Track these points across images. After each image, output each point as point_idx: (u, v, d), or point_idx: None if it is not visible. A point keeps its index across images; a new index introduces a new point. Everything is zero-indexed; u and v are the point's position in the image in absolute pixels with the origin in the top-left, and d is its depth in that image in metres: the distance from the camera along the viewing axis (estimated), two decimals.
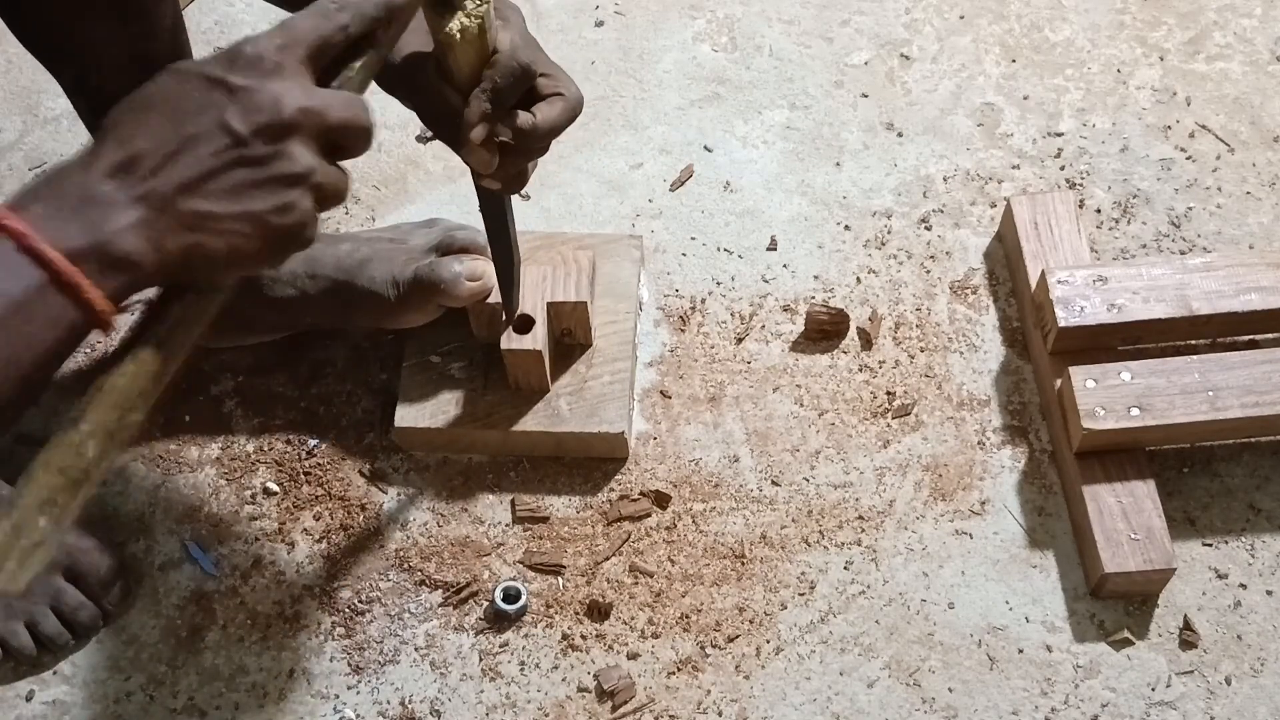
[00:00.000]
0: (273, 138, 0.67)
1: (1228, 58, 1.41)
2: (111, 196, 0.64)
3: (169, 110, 0.66)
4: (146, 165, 0.65)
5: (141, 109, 0.66)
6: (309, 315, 1.20)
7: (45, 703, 1.13)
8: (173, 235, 0.65)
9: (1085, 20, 1.44)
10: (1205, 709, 1.09)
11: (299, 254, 1.19)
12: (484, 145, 0.88)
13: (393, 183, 1.37)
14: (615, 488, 1.20)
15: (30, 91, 1.44)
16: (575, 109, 0.92)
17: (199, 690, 1.13)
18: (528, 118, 0.89)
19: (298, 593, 1.17)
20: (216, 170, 0.66)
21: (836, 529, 1.18)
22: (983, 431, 1.22)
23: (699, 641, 1.13)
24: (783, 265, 1.31)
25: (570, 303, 1.16)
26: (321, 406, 1.25)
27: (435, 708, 1.12)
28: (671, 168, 1.37)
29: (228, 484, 1.22)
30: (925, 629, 1.14)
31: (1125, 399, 1.13)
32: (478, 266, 1.15)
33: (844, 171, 1.36)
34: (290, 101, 0.67)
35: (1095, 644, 1.12)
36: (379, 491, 1.21)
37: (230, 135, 0.66)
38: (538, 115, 0.90)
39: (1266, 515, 1.17)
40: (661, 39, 1.45)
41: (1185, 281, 1.18)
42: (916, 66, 1.42)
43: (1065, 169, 1.35)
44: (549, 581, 1.16)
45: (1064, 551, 1.16)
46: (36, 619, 1.13)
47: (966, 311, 1.28)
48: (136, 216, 0.64)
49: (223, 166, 0.66)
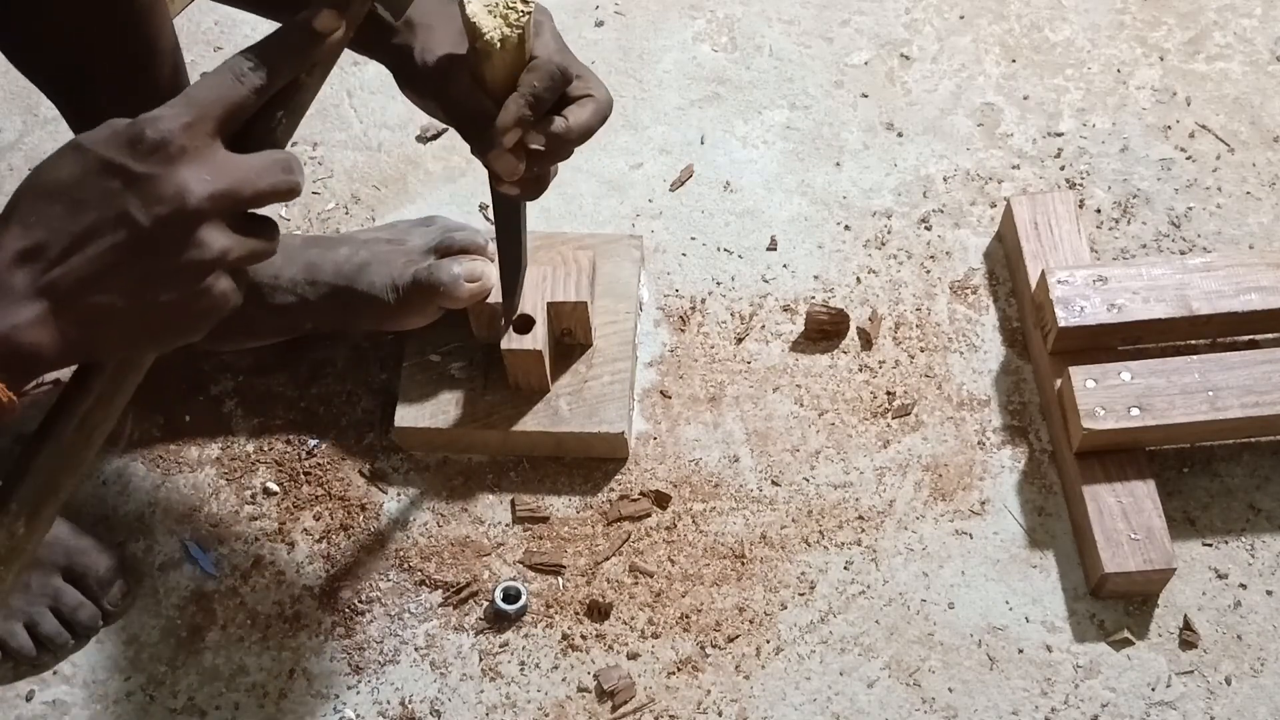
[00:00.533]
0: (179, 229, 0.62)
1: (1228, 58, 1.41)
2: (14, 288, 0.61)
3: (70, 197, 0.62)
4: (48, 255, 0.61)
5: (44, 194, 0.63)
6: (309, 320, 1.20)
7: (45, 703, 1.13)
8: (77, 328, 0.62)
9: (1085, 20, 1.44)
10: (1205, 709, 1.09)
11: (298, 260, 1.20)
12: (513, 150, 0.86)
13: (393, 183, 1.37)
14: (615, 488, 1.20)
15: (30, 91, 1.44)
16: (605, 111, 0.90)
17: (199, 690, 1.13)
18: (561, 122, 0.87)
19: (298, 593, 1.17)
20: (119, 264, 0.62)
21: (836, 529, 1.18)
22: (983, 431, 1.22)
23: (699, 641, 1.13)
24: (783, 265, 1.31)
25: (570, 303, 1.16)
26: (321, 406, 1.25)
27: (435, 708, 1.12)
28: (671, 168, 1.37)
29: (228, 484, 1.22)
30: (925, 629, 1.14)
31: (1125, 399, 1.13)
32: (476, 267, 1.14)
33: (844, 171, 1.36)
34: (197, 190, 0.62)
35: (1095, 644, 1.12)
36: (379, 491, 1.21)
37: (132, 228, 0.62)
38: (570, 119, 0.88)
39: (1266, 515, 1.17)
40: (661, 39, 1.45)
41: (1185, 281, 1.18)
42: (916, 66, 1.42)
43: (1065, 169, 1.35)
44: (549, 581, 1.16)
45: (1064, 551, 1.16)
46: (36, 619, 1.13)
47: (966, 311, 1.28)
48: (40, 309, 0.61)
49: (125, 260, 0.62)
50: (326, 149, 1.39)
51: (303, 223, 1.35)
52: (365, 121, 1.40)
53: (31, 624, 1.13)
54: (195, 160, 0.63)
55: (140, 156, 0.62)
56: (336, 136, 1.39)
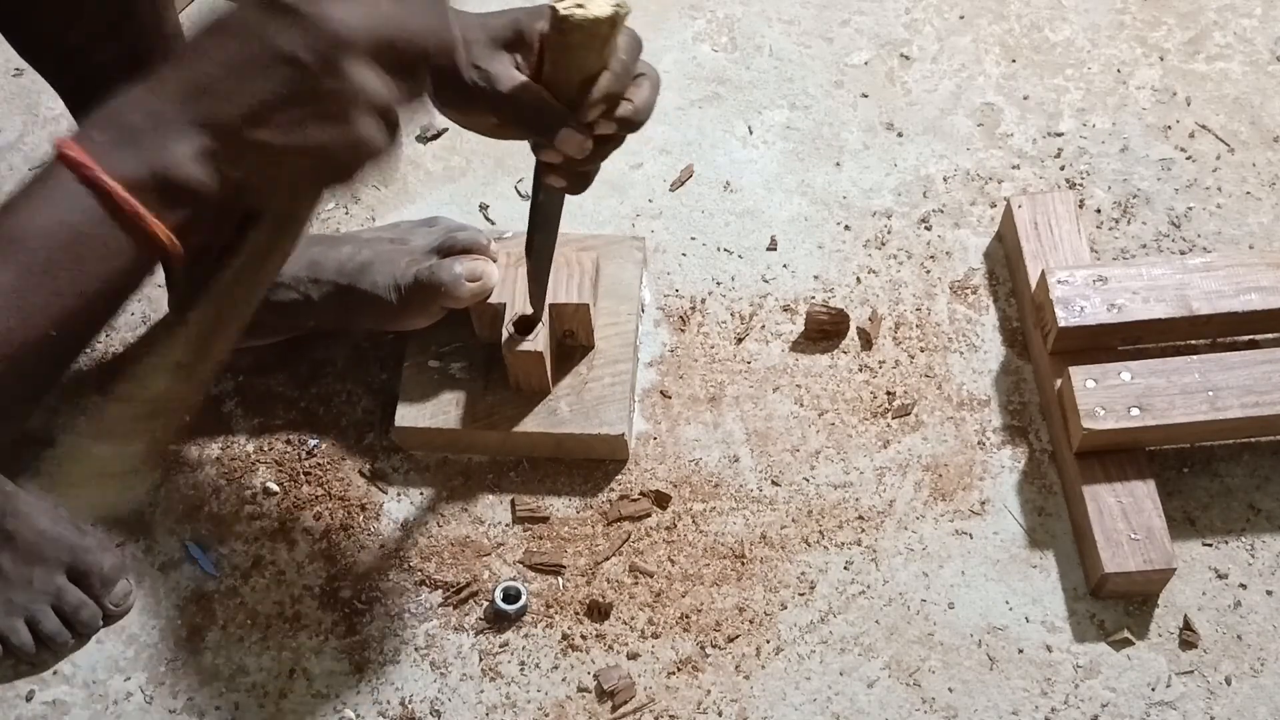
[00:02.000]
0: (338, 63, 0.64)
1: (1228, 58, 1.41)
2: (175, 121, 0.63)
3: (236, 34, 0.64)
4: (213, 91, 0.63)
5: (210, 33, 0.64)
6: (311, 318, 1.20)
7: (45, 703, 1.13)
8: (236, 164, 0.64)
9: (1085, 20, 1.44)
10: (1205, 709, 1.09)
11: (301, 257, 1.20)
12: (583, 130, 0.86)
13: (393, 183, 1.37)
14: (615, 488, 1.20)
15: (30, 91, 1.44)
16: (658, 87, 0.89)
17: (199, 690, 1.13)
18: (627, 105, 0.87)
19: (298, 593, 1.17)
20: (278, 101, 0.63)
21: (836, 529, 1.18)
22: (983, 431, 1.22)
23: (699, 641, 1.13)
24: (783, 265, 1.31)
25: (573, 304, 1.16)
26: (321, 406, 1.25)
27: (435, 708, 1.12)
28: (671, 168, 1.37)
29: (228, 484, 1.22)
30: (925, 629, 1.14)
31: (1125, 399, 1.13)
32: (478, 267, 1.14)
33: (844, 171, 1.36)
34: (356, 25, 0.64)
35: (1095, 644, 1.12)
36: (379, 491, 1.21)
37: (293, 65, 0.63)
38: (635, 100, 0.87)
39: (1266, 515, 1.17)
40: (661, 39, 1.45)
41: (1185, 281, 1.18)
42: (916, 66, 1.42)
43: (1065, 169, 1.35)
44: (549, 581, 1.16)
45: (1064, 551, 1.16)
46: (37, 617, 1.13)
47: (966, 311, 1.28)
48: (199, 144, 0.63)
49: (285, 97, 0.63)
50: None
51: None
52: None
53: (33, 621, 1.13)
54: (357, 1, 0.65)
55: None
56: None
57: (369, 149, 0.66)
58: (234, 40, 0.64)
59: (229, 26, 0.64)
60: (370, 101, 0.65)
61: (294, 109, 0.64)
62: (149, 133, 0.62)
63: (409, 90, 0.68)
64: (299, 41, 0.63)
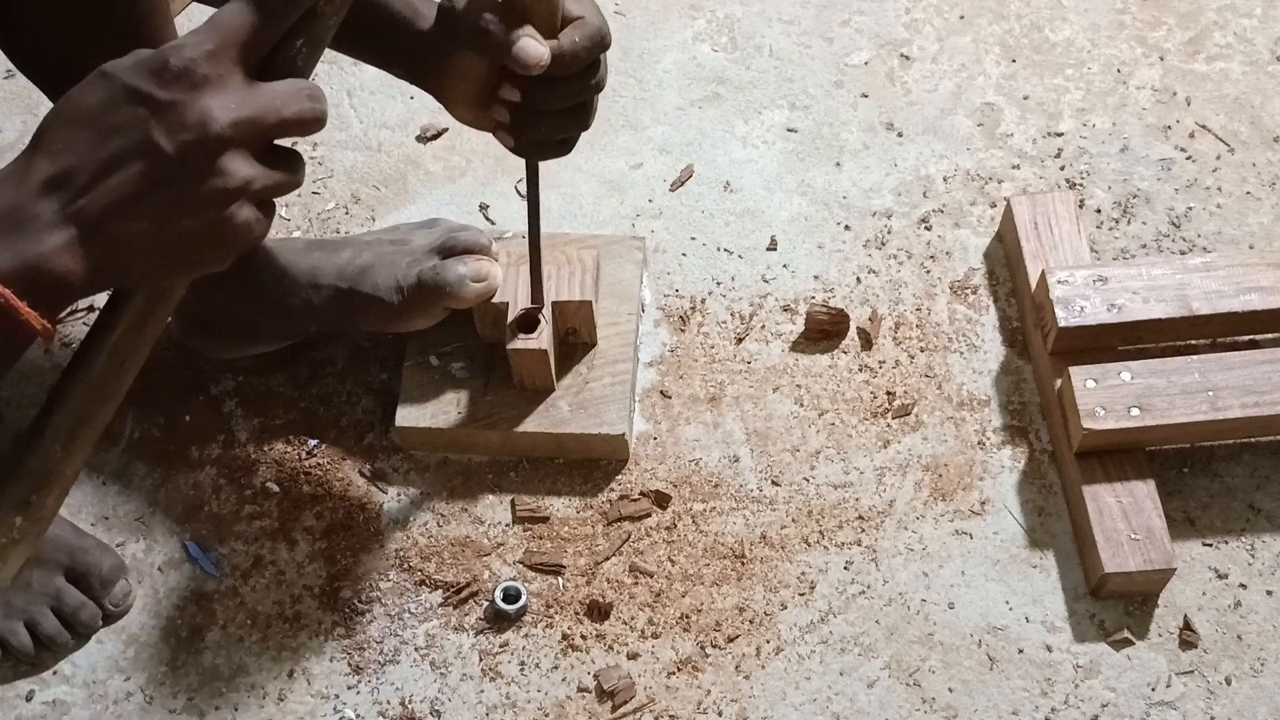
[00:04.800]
0: (203, 156, 0.62)
1: (1228, 58, 1.41)
2: (42, 215, 0.62)
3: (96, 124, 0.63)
4: (75, 183, 0.62)
5: (70, 121, 0.63)
6: (313, 323, 1.20)
7: (45, 703, 1.13)
8: (104, 255, 0.63)
9: (1085, 20, 1.44)
10: (1205, 709, 1.09)
11: (301, 264, 1.20)
12: None
13: (393, 183, 1.37)
14: (615, 488, 1.20)
15: (30, 91, 1.44)
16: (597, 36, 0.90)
17: (199, 690, 1.13)
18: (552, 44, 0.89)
19: (298, 593, 1.17)
20: (144, 191, 0.62)
21: (836, 529, 1.18)
22: (983, 431, 1.22)
23: (699, 641, 1.13)
24: (783, 265, 1.31)
25: (575, 302, 1.16)
26: (321, 406, 1.25)
27: (435, 708, 1.12)
28: (671, 168, 1.37)
29: (228, 484, 1.22)
30: (925, 629, 1.14)
31: (1125, 399, 1.13)
32: (482, 267, 1.14)
33: (844, 171, 1.36)
34: (221, 117, 0.62)
35: (1095, 644, 1.12)
36: (379, 491, 1.21)
37: (157, 155, 0.62)
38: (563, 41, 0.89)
39: (1266, 515, 1.17)
40: (661, 39, 1.45)
41: (1185, 281, 1.18)
42: (916, 66, 1.42)
43: (1065, 169, 1.35)
44: (549, 581, 1.16)
45: (1064, 551, 1.16)
46: (36, 618, 1.13)
47: (966, 311, 1.28)
48: (68, 236, 0.62)
49: (150, 187, 0.62)
50: (326, 149, 1.39)
51: (303, 223, 1.35)
52: (365, 121, 1.40)
53: (32, 623, 1.13)
54: (219, 87, 0.63)
55: (165, 84, 0.62)
56: (336, 136, 1.39)
57: (243, 236, 0.65)
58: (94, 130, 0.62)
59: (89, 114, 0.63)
60: (240, 190, 0.64)
61: (160, 200, 0.62)
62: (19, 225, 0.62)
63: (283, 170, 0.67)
64: (160, 131, 0.62)
